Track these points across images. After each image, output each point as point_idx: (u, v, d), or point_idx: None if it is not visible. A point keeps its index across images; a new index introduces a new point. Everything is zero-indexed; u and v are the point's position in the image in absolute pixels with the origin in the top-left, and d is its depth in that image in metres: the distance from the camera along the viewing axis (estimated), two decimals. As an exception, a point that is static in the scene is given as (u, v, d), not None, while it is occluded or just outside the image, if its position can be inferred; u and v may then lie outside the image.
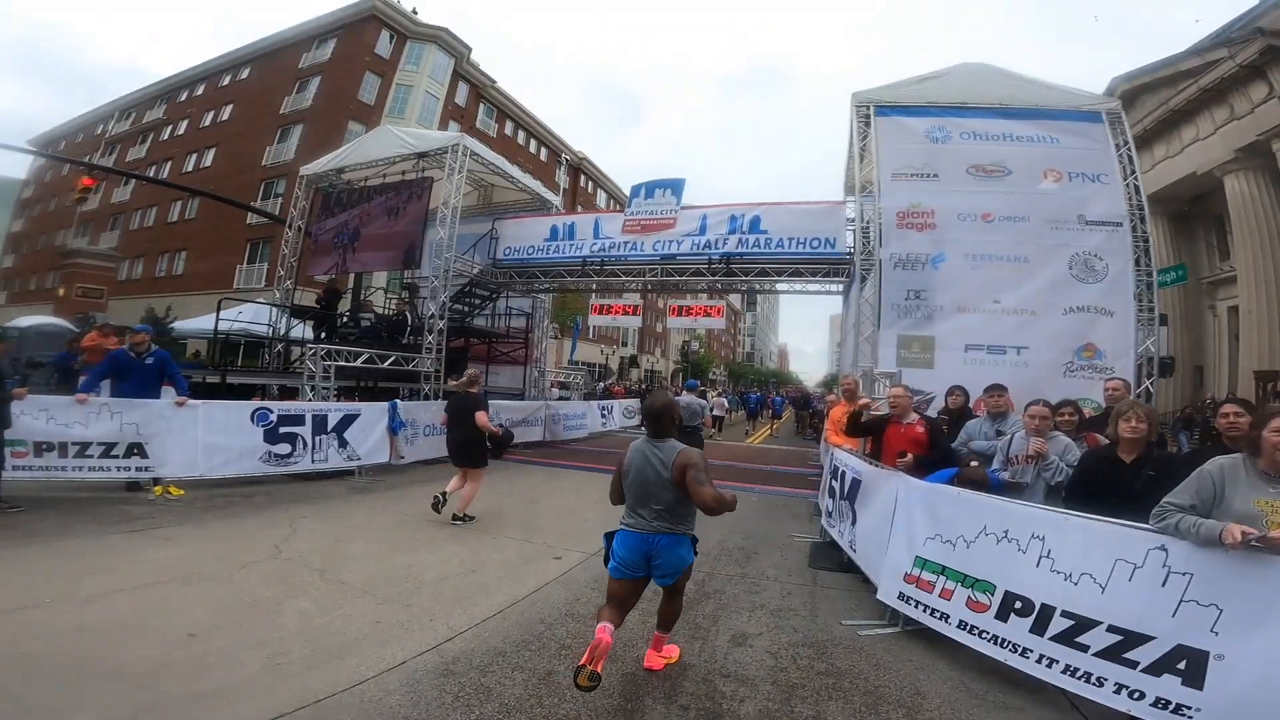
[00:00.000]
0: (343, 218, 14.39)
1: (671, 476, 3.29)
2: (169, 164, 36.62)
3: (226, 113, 35.52)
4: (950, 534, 4.10)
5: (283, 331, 14.47)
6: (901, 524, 4.56)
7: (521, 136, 44.62)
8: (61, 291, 26.77)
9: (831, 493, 6.49)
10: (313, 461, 8.94)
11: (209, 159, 34.91)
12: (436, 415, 11.20)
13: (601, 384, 34.23)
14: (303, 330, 14.34)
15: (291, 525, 6.58)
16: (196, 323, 18.75)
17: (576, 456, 13.31)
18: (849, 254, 12.07)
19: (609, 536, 3.54)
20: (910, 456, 5.05)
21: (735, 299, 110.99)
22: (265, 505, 7.42)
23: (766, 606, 4.96)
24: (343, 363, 10.82)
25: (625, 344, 55.95)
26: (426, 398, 12.09)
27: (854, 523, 5.61)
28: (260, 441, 8.47)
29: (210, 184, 28.14)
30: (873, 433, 5.65)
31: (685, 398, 10.25)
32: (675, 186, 13.70)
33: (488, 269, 14.97)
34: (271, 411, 8.62)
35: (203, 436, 7.99)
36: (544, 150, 46.32)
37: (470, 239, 15.34)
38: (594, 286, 15.12)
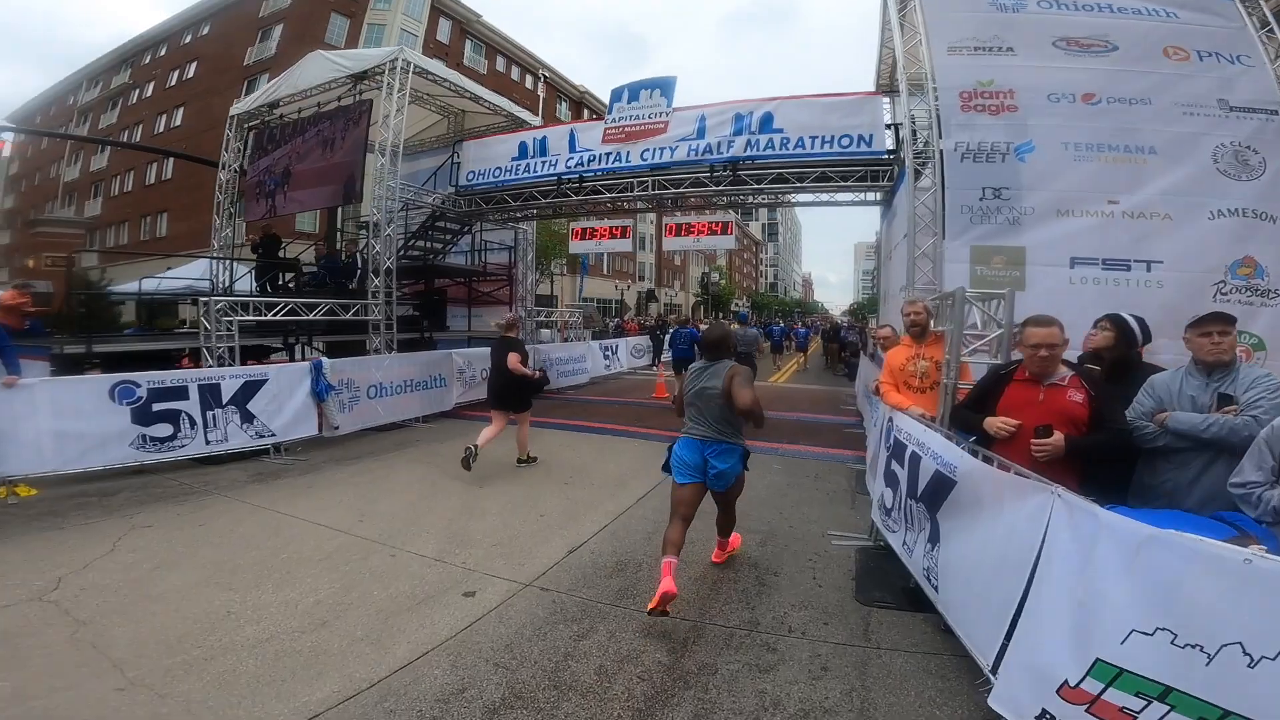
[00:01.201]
0: (275, 155, 12.30)
1: (722, 387, 3.74)
2: (140, 127, 36.04)
3: (191, 70, 34.67)
4: (1205, 636, 1.87)
5: (225, 286, 12.50)
6: (1060, 587, 2.35)
7: (516, 72, 41.24)
8: (31, 262, 26.09)
9: (891, 480, 4.27)
10: (207, 443, 6.97)
11: (178, 118, 34.08)
12: (390, 372, 9.19)
13: (615, 320, 32.06)
14: (251, 283, 12.34)
15: (115, 542, 4.69)
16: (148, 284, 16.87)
17: (568, 410, 11.23)
18: (890, 153, 9.52)
19: (670, 446, 4.06)
20: (1059, 439, 2.79)
21: (755, 229, 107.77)
22: (119, 507, 5.61)
23: (785, 708, 2.84)
24: (253, 316, 8.72)
25: (642, 278, 53.35)
26: (378, 351, 10.02)
27: (935, 541, 3.43)
28: (128, 423, 6.50)
29: (182, 142, 27.39)
30: (984, 401, 3.32)
31: (740, 330, 10.93)
32: (665, 86, 11.00)
33: (450, 199, 12.66)
34: (138, 385, 6.59)
35: (49, 422, 6.08)
36: (542, 86, 42.76)
37: (433, 171, 13.25)
38: (571, 209, 12.67)
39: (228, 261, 12.98)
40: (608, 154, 11.17)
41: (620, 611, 3.76)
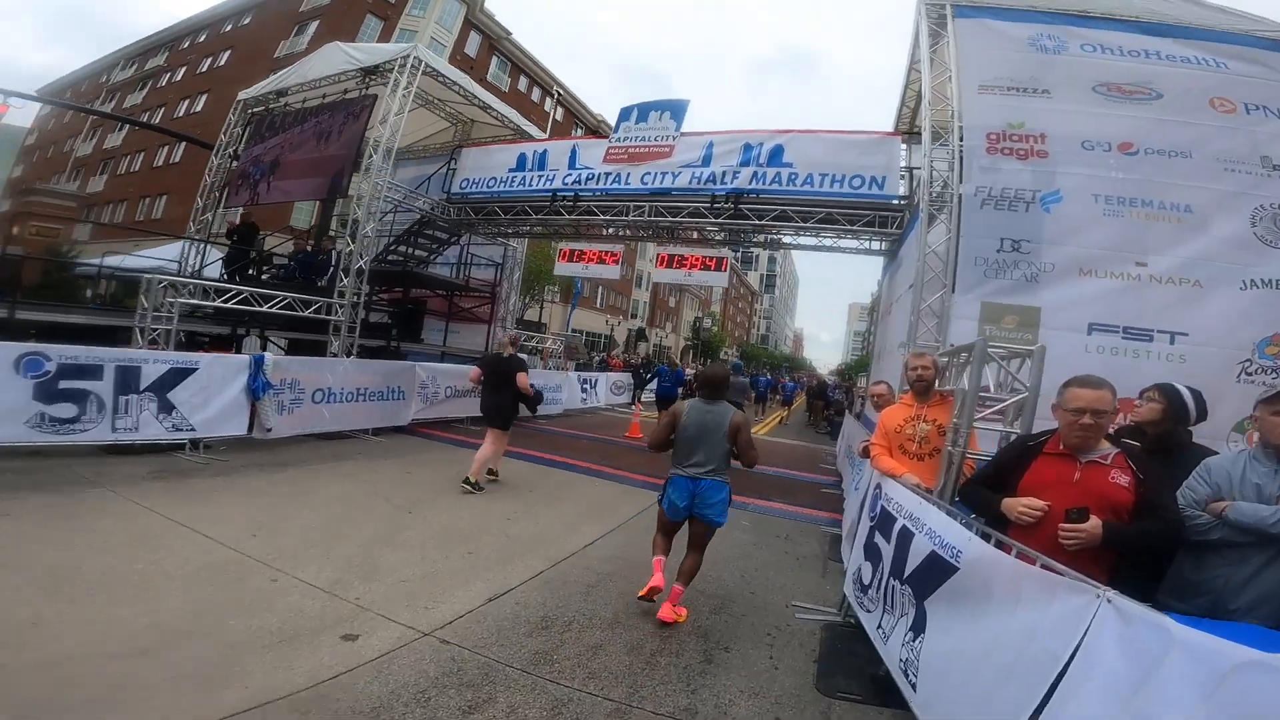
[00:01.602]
0: (270, 143, 11.90)
1: (727, 432, 3.94)
2: (162, 109, 36.01)
3: (223, 58, 34.68)
4: None
5: (195, 269, 11.91)
6: (1097, 709, 1.78)
7: (536, 94, 41.54)
8: (15, 229, 25.25)
9: (872, 553, 3.64)
10: (113, 430, 6.21)
11: (200, 104, 33.94)
12: (344, 378, 8.52)
13: (601, 355, 31.48)
14: (220, 270, 11.75)
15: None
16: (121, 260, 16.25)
17: (533, 440, 10.50)
18: (902, 199, 9.17)
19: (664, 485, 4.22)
20: (1095, 525, 2.19)
21: (754, 279, 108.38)
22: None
23: None
24: (202, 301, 8.06)
25: (635, 315, 53.06)
26: (335, 355, 9.35)
27: (919, 631, 2.80)
28: (29, 399, 5.75)
29: (198, 128, 27.29)
30: (1003, 477, 2.70)
31: (732, 378, 8.74)
32: (675, 109, 10.71)
33: (441, 206, 12.19)
34: (48, 359, 5.87)
35: (-65, 392, 5.37)
36: (560, 110, 43.18)
37: (430, 176, 12.83)
38: (564, 228, 12.21)
39: (201, 245, 12.43)
40: (607, 174, 10.78)
41: (530, 680, 3.06)
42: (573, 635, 3.63)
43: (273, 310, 8.83)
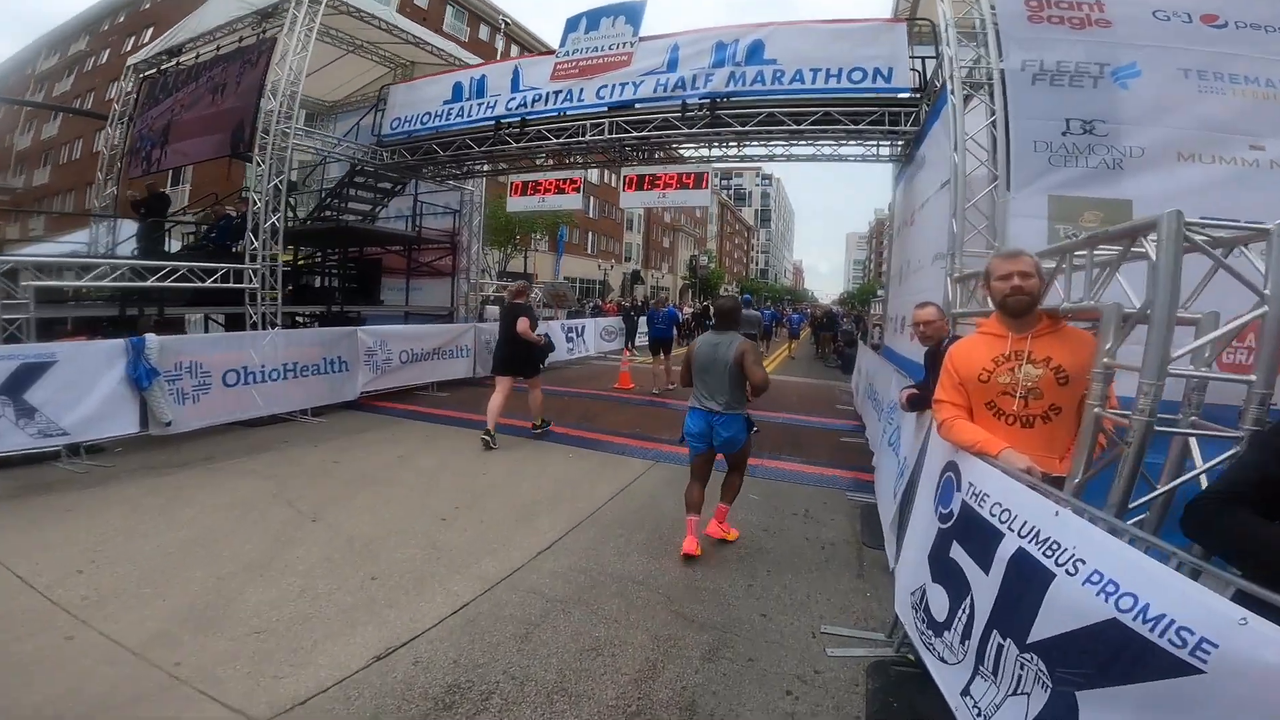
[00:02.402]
0: (164, 105, 10.40)
1: (732, 360, 3.87)
2: (92, 94, 34.24)
3: (146, 36, 32.02)
4: None
5: (109, 249, 10.50)
6: None
7: (501, 43, 38.49)
8: None
9: (948, 575, 2.30)
10: (-47, 444, 4.91)
11: (131, 84, 31.39)
12: (266, 354, 7.23)
13: (594, 301, 29.96)
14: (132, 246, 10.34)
15: None
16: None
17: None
18: (915, 91, 7.66)
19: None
20: None
21: (748, 214, 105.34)
22: None
23: None
24: (65, 282, 6.62)
25: (628, 259, 51.18)
26: (255, 326, 7.94)
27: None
28: None
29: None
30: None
31: (744, 312, 9.00)
32: (630, 12, 8.92)
33: (372, 152, 10.58)
34: None
35: None
36: (516, 48, 40.24)
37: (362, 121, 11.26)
38: (513, 159, 10.55)
39: (112, 223, 11.01)
40: (556, 92, 9.11)
41: None
42: (490, 718, 2.36)
43: (174, 284, 7.38)
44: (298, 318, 10.27)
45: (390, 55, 11.61)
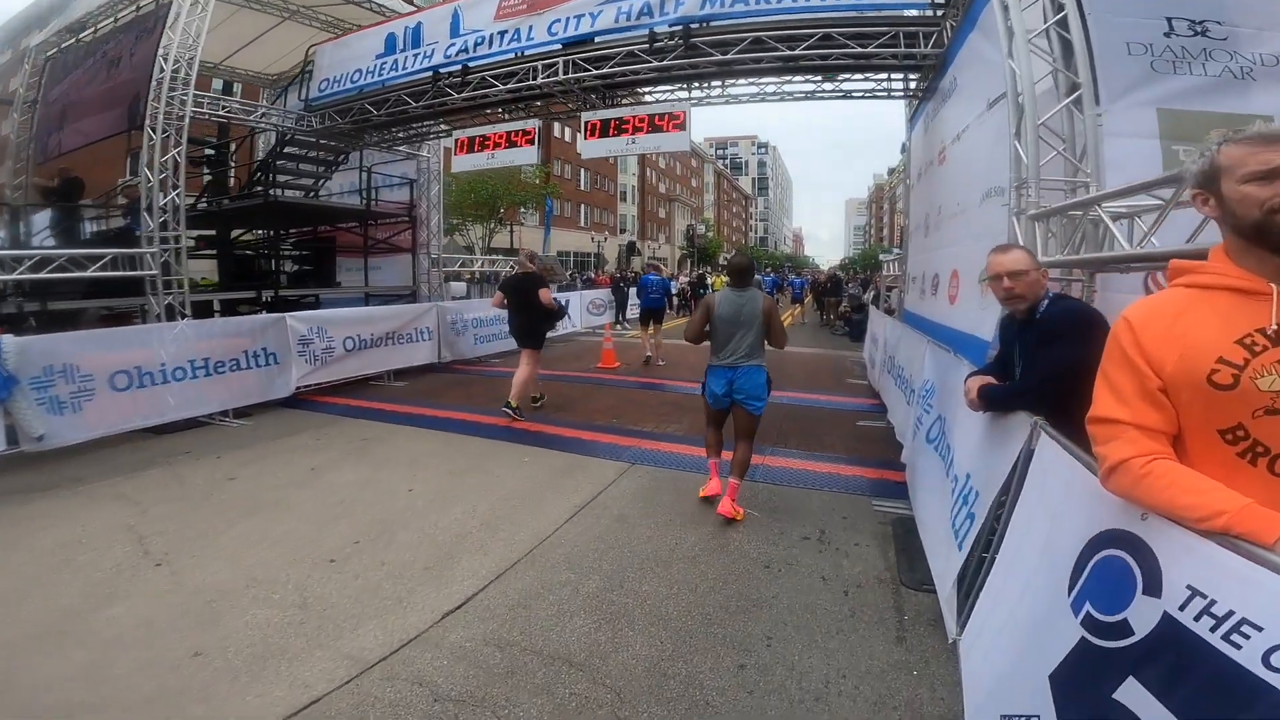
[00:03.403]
0: (63, 85, 9.52)
1: (761, 313, 3.87)
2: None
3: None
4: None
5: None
6: None
7: None
8: None
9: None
10: None
11: (31, 66, 30.48)
12: (181, 349, 6.12)
13: (586, 274, 28.67)
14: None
15: None
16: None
17: (458, 392, 8.00)
18: (936, 6, 6.35)
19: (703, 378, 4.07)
20: None
21: (745, 184, 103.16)
22: None
23: None
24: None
25: (623, 230, 49.69)
26: (159, 318, 6.79)
27: None
28: None
29: None
30: None
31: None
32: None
33: (301, 118, 9.35)
34: None
35: None
36: None
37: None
38: (456, 114, 9.22)
39: (24, 212, 9.80)
40: (502, 33, 7.83)
41: None
42: None
43: (48, 275, 6.20)
44: (239, 307, 9.12)
45: (331, 20, 10.25)
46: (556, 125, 34.51)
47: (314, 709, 2.28)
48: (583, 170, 43.71)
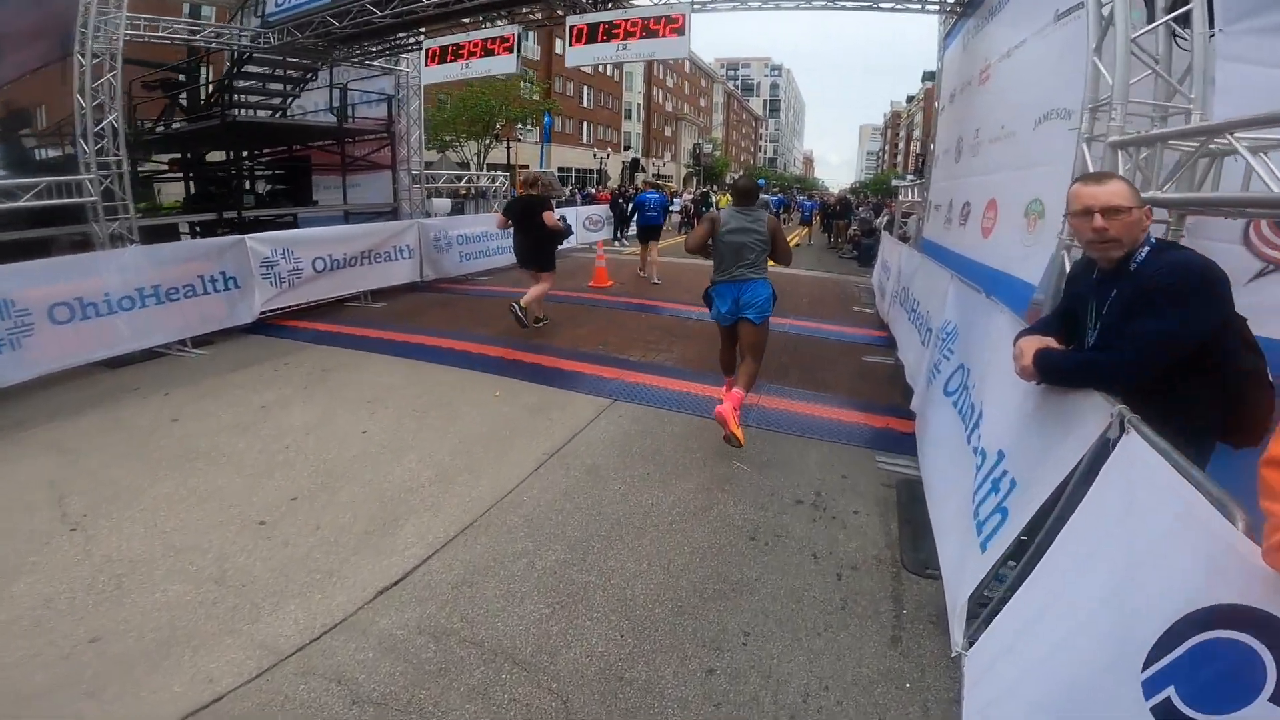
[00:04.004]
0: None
1: (767, 231, 3.84)
2: None
3: None
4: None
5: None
6: None
7: None
8: None
9: None
10: None
11: None
12: (130, 276, 5.72)
13: (585, 190, 27.53)
14: None
15: None
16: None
17: (438, 313, 7.52)
18: None
19: (707, 294, 4.04)
20: None
21: (756, 105, 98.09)
22: None
23: None
24: None
25: (628, 148, 47.67)
26: (102, 246, 6.28)
27: None
28: None
29: None
30: None
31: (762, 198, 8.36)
32: None
33: (259, 36, 8.48)
34: None
35: None
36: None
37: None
38: (427, 21, 8.25)
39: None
40: (478, -73, 6.79)
41: None
42: None
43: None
44: (218, 230, 8.54)
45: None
46: (559, 42, 32.35)
47: (215, 708, 1.96)
48: (585, 87, 41.52)
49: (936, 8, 7.10)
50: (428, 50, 8.07)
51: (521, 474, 3.45)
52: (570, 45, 7.12)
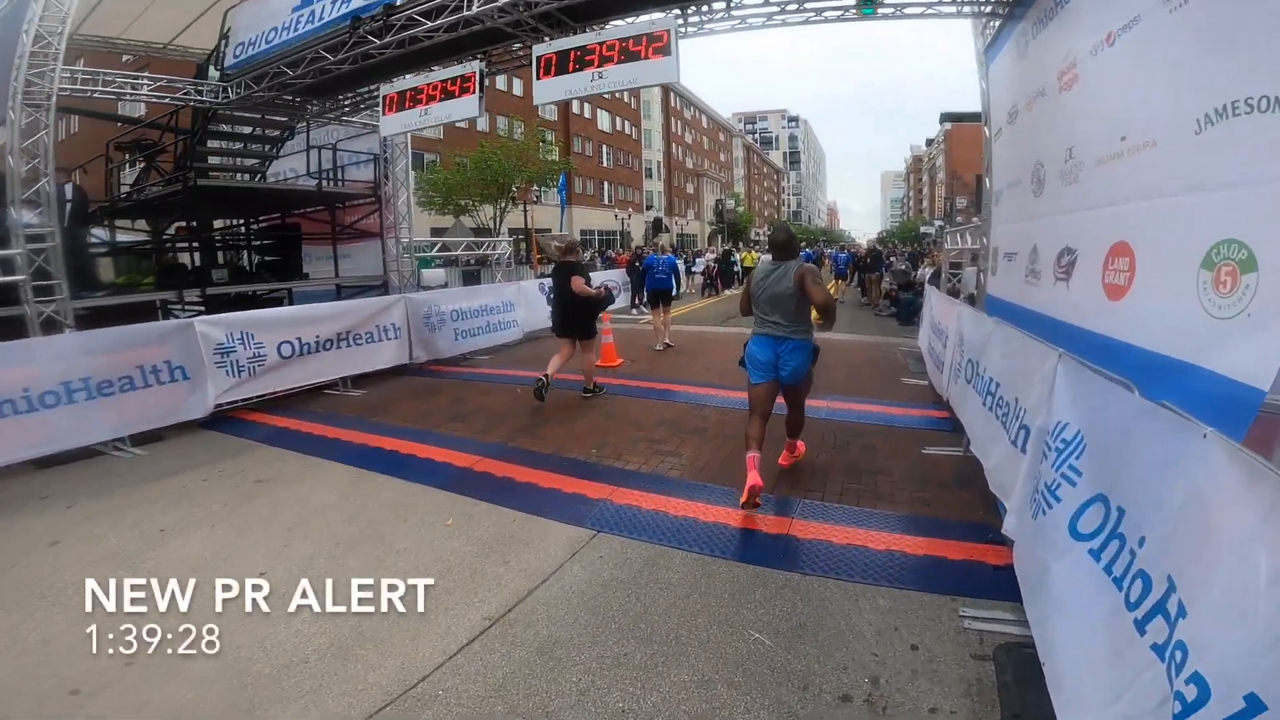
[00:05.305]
0: None
1: (793, 282, 3.72)
2: None
3: None
4: None
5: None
6: None
7: None
8: None
9: None
10: None
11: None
12: (60, 367, 5.21)
13: (605, 253, 27.13)
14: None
15: None
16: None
17: (425, 404, 6.61)
18: None
19: (743, 356, 3.96)
20: None
21: (776, 158, 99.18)
22: None
23: None
24: None
25: (650, 206, 47.86)
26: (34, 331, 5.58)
27: None
28: None
29: None
30: None
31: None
32: None
33: (216, 91, 8.13)
34: None
35: None
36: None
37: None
38: (385, 68, 7.60)
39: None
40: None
41: None
42: None
43: None
44: (172, 306, 7.91)
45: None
46: (575, 102, 32.71)
47: None
48: (605, 146, 42.09)
49: (971, 10, 6.25)
50: (385, 97, 7.42)
51: (445, 651, 2.41)
52: (538, 78, 6.34)
